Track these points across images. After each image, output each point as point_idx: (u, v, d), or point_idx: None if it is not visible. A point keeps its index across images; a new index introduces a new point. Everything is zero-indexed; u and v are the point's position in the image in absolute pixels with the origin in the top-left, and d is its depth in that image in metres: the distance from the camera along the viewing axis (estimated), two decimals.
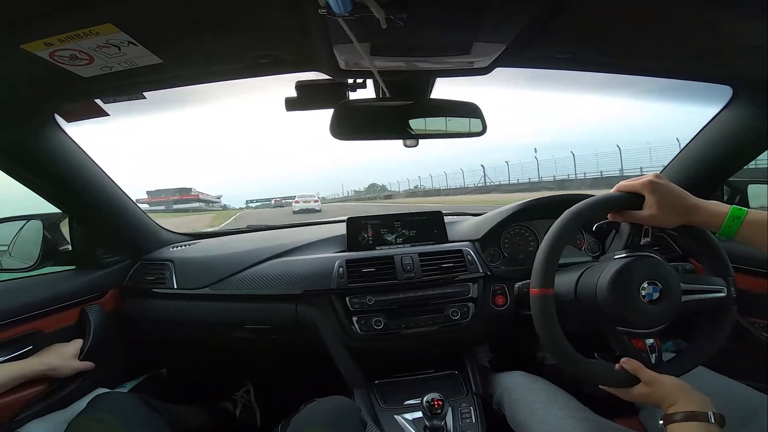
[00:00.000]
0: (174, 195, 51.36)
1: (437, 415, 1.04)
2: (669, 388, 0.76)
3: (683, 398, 0.73)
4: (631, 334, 0.85)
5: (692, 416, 0.70)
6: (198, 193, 54.75)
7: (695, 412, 0.70)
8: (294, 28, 0.74)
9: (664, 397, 0.75)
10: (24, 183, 1.14)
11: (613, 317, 0.85)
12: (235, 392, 1.68)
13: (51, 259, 1.32)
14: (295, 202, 23.30)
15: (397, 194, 42.27)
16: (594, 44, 0.91)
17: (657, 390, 0.77)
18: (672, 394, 0.74)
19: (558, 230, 0.85)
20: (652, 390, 0.77)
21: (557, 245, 0.85)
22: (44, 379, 1.10)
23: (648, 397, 0.78)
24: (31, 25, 0.64)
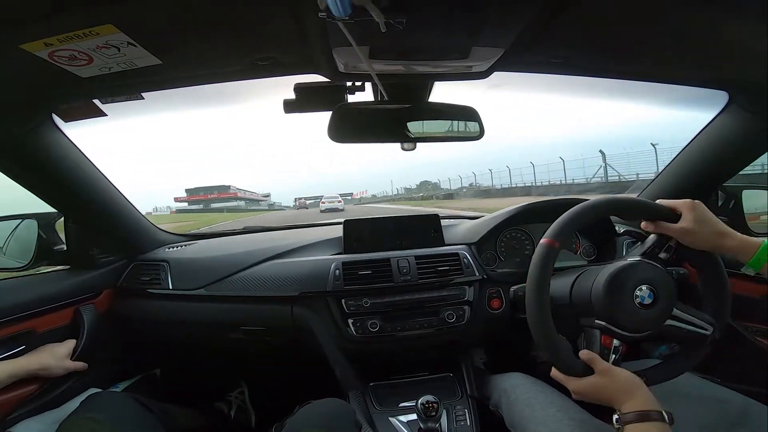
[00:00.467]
0: (212, 193, 50.12)
1: (432, 418, 1.04)
2: (623, 381, 0.76)
3: (637, 394, 0.73)
4: (606, 331, 0.85)
5: (647, 416, 0.70)
6: (237, 191, 52.66)
7: (650, 412, 0.70)
8: (293, 30, 0.74)
9: (616, 391, 0.75)
10: (20, 182, 1.14)
11: (603, 318, 0.85)
12: (229, 393, 1.67)
13: (45, 258, 1.32)
14: (321, 202, 27.14)
15: (459, 193, 31.59)
16: (591, 49, 0.92)
17: (610, 382, 0.77)
18: (624, 389, 0.75)
19: (596, 203, 0.88)
20: (605, 381, 0.77)
21: (588, 214, 0.87)
22: (36, 379, 1.10)
23: (599, 389, 0.78)
24: (30, 25, 0.64)
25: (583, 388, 0.80)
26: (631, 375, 0.77)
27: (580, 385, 0.80)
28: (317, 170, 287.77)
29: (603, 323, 0.85)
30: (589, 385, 0.79)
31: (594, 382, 0.78)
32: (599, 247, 1.49)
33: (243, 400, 1.67)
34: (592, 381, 0.78)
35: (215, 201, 46.40)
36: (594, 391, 0.79)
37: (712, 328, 0.85)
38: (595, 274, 0.89)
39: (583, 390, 0.80)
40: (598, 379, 0.78)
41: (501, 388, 1.15)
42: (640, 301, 0.82)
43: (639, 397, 0.73)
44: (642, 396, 0.73)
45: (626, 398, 0.73)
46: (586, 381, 0.79)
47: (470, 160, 62.92)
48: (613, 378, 0.77)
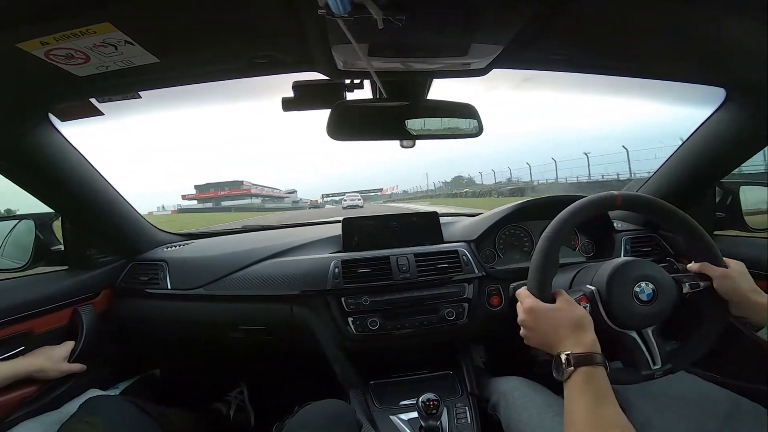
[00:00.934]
0: (223, 189, 47.90)
1: (433, 416, 1.04)
2: (578, 316, 0.74)
3: (588, 332, 0.72)
4: (591, 299, 0.84)
5: (593, 358, 0.68)
6: (251, 187, 50.06)
7: (596, 354, 0.69)
8: (292, 28, 0.74)
9: (568, 323, 0.73)
10: (16, 182, 1.13)
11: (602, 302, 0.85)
12: (228, 393, 1.67)
13: (43, 259, 1.31)
14: (343, 200, 31.96)
15: (499, 187, 28.48)
16: (589, 46, 0.92)
17: (566, 311, 0.74)
18: (578, 323, 0.73)
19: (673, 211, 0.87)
20: (562, 308, 0.75)
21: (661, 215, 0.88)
22: (35, 380, 1.09)
23: (552, 315, 0.75)
24: (27, 24, 0.63)
25: (537, 309, 0.77)
26: (586, 313, 0.76)
27: (537, 304, 0.77)
28: (346, 165, 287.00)
29: (593, 288, 0.85)
30: (545, 308, 0.76)
31: (549, 307, 0.76)
32: (598, 243, 1.49)
33: (242, 399, 1.67)
34: (548, 305, 0.77)
35: (227, 198, 44.25)
36: (546, 316, 0.76)
37: (659, 366, 0.82)
38: (597, 268, 0.90)
39: (536, 310, 0.77)
40: (556, 305, 0.76)
41: (498, 391, 1.15)
42: (639, 294, 0.82)
43: (589, 335, 0.72)
44: (592, 336, 0.72)
45: (576, 333, 0.71)
46: (544, 304, 0.77)
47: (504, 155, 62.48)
48: (571, 308, 0.75)
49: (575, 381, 0.67)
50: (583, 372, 0.67)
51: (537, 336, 0.78)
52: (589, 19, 0.79)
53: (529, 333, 0.79)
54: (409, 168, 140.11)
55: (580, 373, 0.67)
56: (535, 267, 0.80)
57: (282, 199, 55.23)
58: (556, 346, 0.72)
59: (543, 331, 0.76)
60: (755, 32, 0.78)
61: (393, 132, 1.12)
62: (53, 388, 1.14)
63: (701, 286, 0.85)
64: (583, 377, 0.66)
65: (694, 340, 0.86)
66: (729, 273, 0.83)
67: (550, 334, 0.75)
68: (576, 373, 0.67)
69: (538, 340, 0.78)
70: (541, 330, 0.77)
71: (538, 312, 0.77)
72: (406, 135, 1.11)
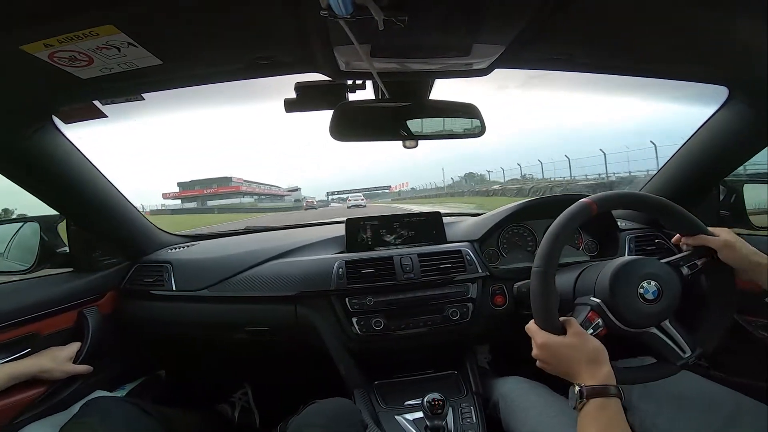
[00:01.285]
0: (210, 187, 44.43)
1: (438, 415, 1.04)
2: (591, 349, 0.74)
3: (603, 366, 0.73)
4: (598, 310, 0.84)
5: (607, 390, 0.69)
6: (241, 184, 46.05)
7: (610, 386, 0.70)
8: (294, 29, 0.74)
9: (582, 357, 0.73)
10: (21, 185, 1.14)
11: (604, 302, 0.85)
12: (233, 394, 1.68)
13: (48, 261, 1.32)
14: (348, 200, 34.27)
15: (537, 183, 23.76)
16: (591, 45, 0.92)
17: (579, 346, 0.74)
18: (591, 356, 0.73)
19: (649, 198, 0.90)
20: (574, 343, 0.75)
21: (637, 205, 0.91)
22: (42, 382, 1.10)
23: (565, 350, 0.75)
24: (30, 26, 0.64)
25: (550, 344, 0.77)
26: (600, 345, 0.76)
27: (549, 339, 0.77)
28: (353, 162, 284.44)
29: (598, 301, 0.84)
30: (557, 343, 0.76)
31: (562, 341, 0.76)
32: (601, 242, 1.49)
33: (247, 401, 1.67)
34: (561, 339, 0.76)
35: (214, 197, 41.40)
36: (559, 352, 0.76)
37: (690, 352, 0.83)
38: (601, 267, 0.89)
39: (549, 346, 0.77)
40: (568, 339, 0.76)
41: (499, 392, 1.15)
42: (644, 294, 0.82)
43: (604, 368, 0.72)
44: (607, 368, 0.72)
45: (590, 367, 0.72)
46: (557, 337, 0.77)
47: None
48: (584, 343, 0.75)
49: (587, 411, 0.68)
50: (596, 403, 0.68)
51: (554, 369, 0.78)
52: (590, 19, 0.78)
53: (546, 366, 0.80)
54: (419, 164, 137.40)
55: (593, 404, 0.68)
56: (537, 302, 0.81)
57: (281, 198, 52.76)
58: (574, 378, 0.74)
59: (559, 365, 0.77)
60: (757, 31, 0.78)
61: (395, 132, 1.12)
62: (60, 390, 1.15)
63: (699, 265, 0.86)
64: (596, 408, 0.68)
65: (715, 319, 0.87)
66: (730, 241, 0.83)
67: (565, 367, 0.76)
68: (588, 404, 0.69)
69: (555, 371, 0.79)
70: (556, 364, 0.78)
71: (553, 348, 0.77)
72: (408, 135, 1.12)
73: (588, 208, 0.85)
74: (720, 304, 0.87)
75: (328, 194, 49.67)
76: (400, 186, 64.55)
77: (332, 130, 1.03)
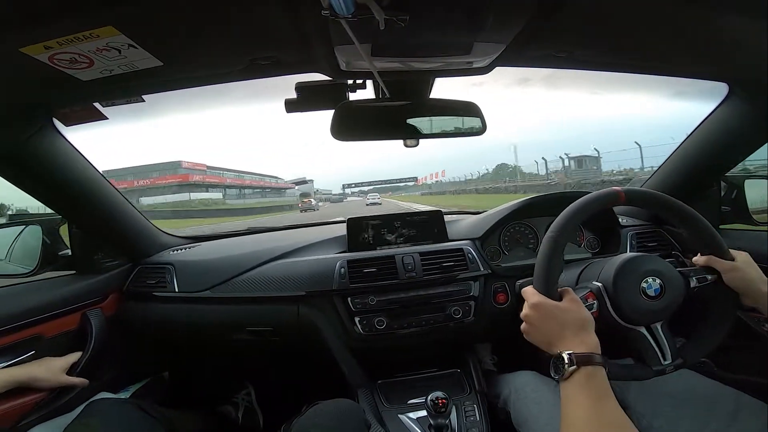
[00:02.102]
0: (150, 176, 33.07)
1: (442, 414, 1.04)
2: (583, 317, 0.73)
3: (590, 333, 0.71)
4: (598, 294, 0.84)
5: (592, 358, 0.67)
6: (191, 172, 33.61)
7: (596, 354, 0.68)
8: (294, 29, 0.74)
9: (572, 322, 0.72)
10: (22, 188, 1.14)
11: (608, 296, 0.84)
12: (236, 395, 1.68)
13: (51, 264, 1.32)
14: (366, 198, 36.01)
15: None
16: (591, 43, 0.91)
17: (571, 311, 0.73)
18: (581, 323, 0.72)
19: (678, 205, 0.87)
20: (567, 307, 0.74)
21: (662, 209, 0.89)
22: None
23: (557, 313, 0.74)
24: (30, 28, 0.63)
25: (544, 305, 0.75)
26: (591, 316, 0.75)
27: (544, 300, 0.76)
28: (377, 150, 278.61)
29: (599, 285, 0.84)
30: (551, 305, 0.75)
31: (557, 304, 0.75)
32: (603, 239, 1.49)
33: (250, 401, 1.68)
34: (555, 302, 0.75)
35: (156, 189, 30.81)
36: (551, 314, 0.74)
37: (671, 360, 0.82)
38: (603, 264, 0.89)
39: (542, 306, 0.75)
40: (563, 304, 0.75)
41: (511, 385, 1.15)
42: (646, 290, 0.82)
43: (593, 337, 0.71)
44: (595, 338, 0.71)
45: (579, 334, 0.71)
46: (551, 300, 0.75)
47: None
48: (578, 309, 0.74)
49: (576, 380, 0.66)
50: (585, 371, 0.66)
51: (539, 333, 0.76)
52: (590, 17, 0.78)
53: (530, 329, 0.78)
54: (438, 156, 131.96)
55: (582, 372, 0.66)
56: (541, 266, 0.80)
57: (282, 192, 45.59)
58: (557, 345, 0.71)
59: (546, 329, 0.75)
60: (756, 28, 0.78)
61: (396, 131, 1.12)
62: (65, 393, 1.15)
63: (708, 280, 0.85)
64: (585, 376, 0.66)
65: (705, 334, 0.86)
66: (737, 265, 0.82)
67: (553, 332, 0.74)
68: (578, 372, 0.66)
69: (538, 337, 0.77)
70: (544, 327, 0.75)
71: (545, 309, 0.75)
72: (409, 134, 1.12)
73: (616, 196, 0.85)
74: (715, 323, 0.86)
75: (344, 187, 48.03)
76: (433, 176, 59.21)
77: (333, 130, 1.03)
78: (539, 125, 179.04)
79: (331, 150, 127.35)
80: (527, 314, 0.78)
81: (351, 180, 63.69)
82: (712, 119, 1.23)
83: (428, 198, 39.75)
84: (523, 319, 0.79)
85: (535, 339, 0.77)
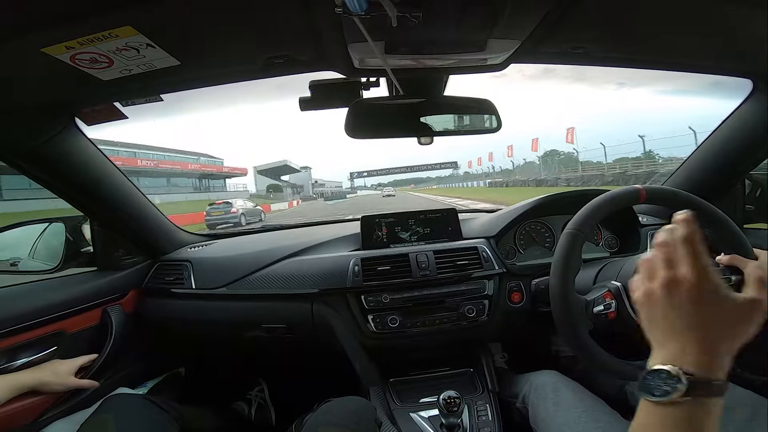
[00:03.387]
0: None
1: (454, 413, 1.04)
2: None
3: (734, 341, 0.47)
4: (617, 294, 0.83)
5: (714, 387, 0.44)
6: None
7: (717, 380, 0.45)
8: (308, 27, 0.75)
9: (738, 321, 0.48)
10: (45, 186, 1.17)
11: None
12: (249, 391, 1.70)
13: (73, 260, 1.35)
14: (383, 191, 37.27)
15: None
16: (609, 38, 0.90)
17: (753, 306, 0.49)
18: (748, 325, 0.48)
19: (672, 192, 0.86)
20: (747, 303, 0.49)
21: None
22: None
23: (726, 301, 0.48)
24: (51, 29, 0.65)
25: (710, 283, 0.48)
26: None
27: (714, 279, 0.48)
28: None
29: (618, 284, 0.83)
30: (722, 288, 0.48)
31: (729, 293, 0.49)
32: (622, 238, 1.46)
33: (263, 398, 1.69)
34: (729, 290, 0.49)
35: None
36: (713, 300, 0.48)
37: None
38: (622, 263, 0.88)
39: (707, 283, 0.47)
40: (740, 295, 0.50)
41: (531, 384, 1.14)
42: None
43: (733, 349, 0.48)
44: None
45: (731, 342, 0.48)
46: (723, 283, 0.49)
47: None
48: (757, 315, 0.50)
49: (679, 412, 0.44)
50: (701, 403, 0.44)
51: (658, 314, 0.50)
52: (607, 12, 0.77)
53: (649, 302, 0.51)
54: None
55: (697, 405, 0.44)
56: (558, 262, 0.79)
57: (219, 182, 36.55)
58: (671, 339, 0.48)
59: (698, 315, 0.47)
60: None
61: (411, 129, 1.12)
62: (79, 392, 1.17)
63: (733, 280, 0.83)
64: (699, 410, 0.44)
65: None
66: (762, 264, 0.80)
67: (702, 323, 0.47)
68: (693, 403, 0.43)
69: (659, 319, 0.50)
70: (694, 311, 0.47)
71: (711, 287, 0.48)
72: (423, 132, 1.11)
73: (636, 194, 0.84)
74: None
75: (352, 176, 42.39)
76: (479, 162, 48.32)
77: (347, 128, 1.03)
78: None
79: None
80: (675, 276, 0.49)
81: (369, 167, 54.94)
82: (735, 116, 1.20)
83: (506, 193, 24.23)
84: (659, 284, 0.50)
85: (653, 318, 0.51)
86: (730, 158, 1.28)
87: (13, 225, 1.38)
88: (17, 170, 1.10)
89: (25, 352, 1.11)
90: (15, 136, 1.01)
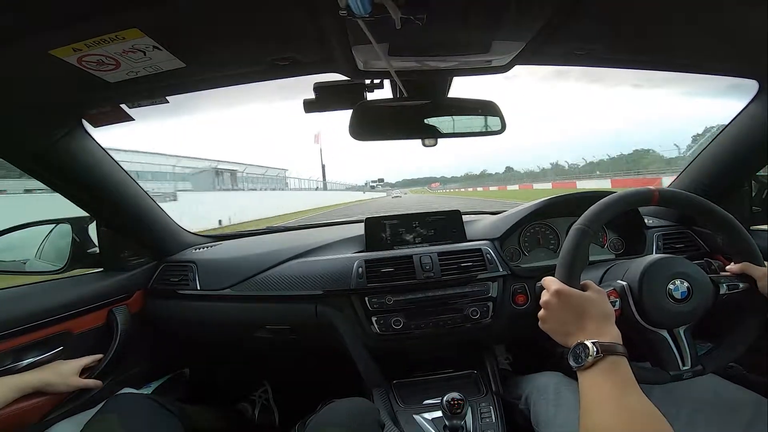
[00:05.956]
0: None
1: (457, 415, 1.03)
2: (606, 308, 0.73)
3: (612, 324, 0.70)
4: (621, 293, 0.82)
5: (614, 348, 0.66)
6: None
7: (618, 344, 0.67)
8: (313, 30, 0.75)
9: (595, 312, 0.71)
10: (53, 187, 1.18)
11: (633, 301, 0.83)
12: (253, 392, 1.70)
13: (80, 261, 1.36)
14: (392, 193, 42.03)
15: None
16: (614, 40, 0.90)
17: (594, 301, 0.72)
18: (604, 314, 0.71)
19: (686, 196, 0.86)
20: (591, 297, 0.73)
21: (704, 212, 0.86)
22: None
23: (580, 302, 0.72)
24: (59, 31, 0.66)
25: (566, 293, 0.73)
26: (612, 309, 0.74)
27: (566, 288, 0.74)
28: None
29: (624, 284, 0.83)
30: (574, 293, 0.73)
31: (580, 293, 0.73)
32: (627, 240, 1.46)
33: (267, 399, 1.70)
34: (579, 291, 0.74)
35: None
36: (573, 302, 0.73)
37: (689, 367, 0.80)
38: (628, 265, 0.87)
39: (564, 294, 0.74)
40: (587, 293, 0.74)
41: (533, 385, 1.13)
42: (673, 292, 0.80)
43: (614, 328, 0.70)
44: (617, 329, 0.70)
45: (602, 324, 0.70)
46: (575, 290, 0.74)
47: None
48: (602, 300, 0.73)
49: (600, 368, 0.64)
50: (610, 360, 0.64)
51: (556, 320, 0.75)
52: (613, 13, 0.77)
53: (549, 316, 0.76)
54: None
55: (607, 361, 0.64)
56: (565, 257, 0.79)
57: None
58: (576, 335, 0.70)
59: (567, 317, 0.73)
60: None
61: (415, 131, 1.12)
62: (84, 392, 1.17)
63: (740, 288, 0.82)
64: (610, 365, 0.64)
65: (730, 342, 0.84)
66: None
67: (573, 320, 0.72)
68: (602, 360, 0.64)
69: (555, 326, 0.75)
70: (563, 315, 0.74)
71: (568, 296, 0.73)
72: (428, 134, 1.11)
73: (649, 195, 0.83)
74: (741, 332, 0.83)
75: (369, 184, 45.84)
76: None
77: (352, 130, 1.03)
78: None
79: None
80: (548, 301, 0.76)
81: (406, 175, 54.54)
82: (742, 117, 1.19)
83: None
84: (542, 306, 0.77)
85: (552, 327, 0.76)
86: (736, 160, 1.28)
87: (20, 226, 1.39)
88: (25, 171, 1.11)
89: (31, 352, 1.11)
90: (22, 137, 1.02)
